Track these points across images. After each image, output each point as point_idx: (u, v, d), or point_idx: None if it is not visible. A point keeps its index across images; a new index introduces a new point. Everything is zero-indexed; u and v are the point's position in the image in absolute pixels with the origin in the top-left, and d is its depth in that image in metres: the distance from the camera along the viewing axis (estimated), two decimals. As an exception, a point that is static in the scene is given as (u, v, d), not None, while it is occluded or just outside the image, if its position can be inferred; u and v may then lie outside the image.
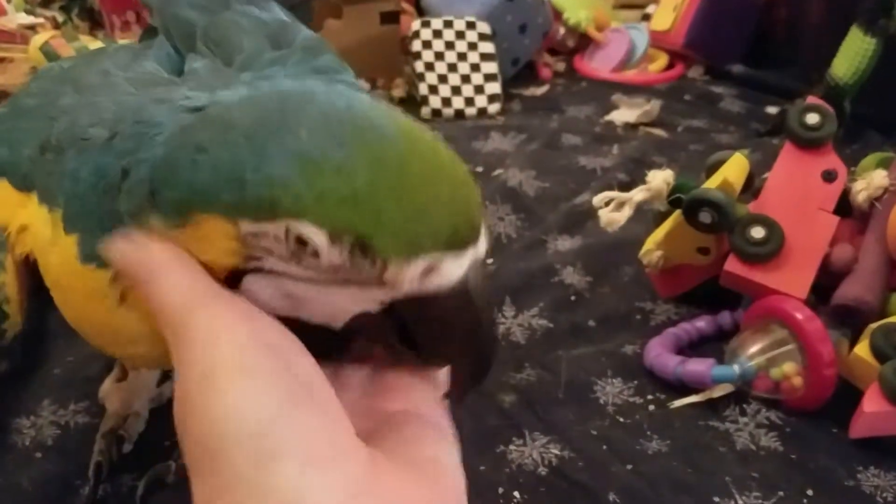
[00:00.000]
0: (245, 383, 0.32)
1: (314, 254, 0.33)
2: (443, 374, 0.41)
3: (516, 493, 0.63)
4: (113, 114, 0.43)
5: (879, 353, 0.67)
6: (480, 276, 0.35)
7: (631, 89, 1.51)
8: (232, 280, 0.36)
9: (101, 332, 0.46)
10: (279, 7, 0.61)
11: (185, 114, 0.38)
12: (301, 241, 0.33)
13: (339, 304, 0.36)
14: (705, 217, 0.75)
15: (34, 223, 0.45)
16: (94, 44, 1.31)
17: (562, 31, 1.69)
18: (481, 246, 0.35)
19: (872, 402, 0.66)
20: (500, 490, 0.63)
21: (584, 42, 1.72)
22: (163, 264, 0.36)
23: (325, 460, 0.32)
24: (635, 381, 0.76)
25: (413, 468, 0.35)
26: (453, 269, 0.34)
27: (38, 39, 1.30)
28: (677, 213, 0.79)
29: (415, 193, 0.33)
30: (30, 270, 0.47)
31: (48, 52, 1.29)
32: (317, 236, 0.33)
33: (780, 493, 0.63)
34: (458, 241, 0.34)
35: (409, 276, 0.33)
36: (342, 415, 0.34)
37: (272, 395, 0.32)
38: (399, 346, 0.38)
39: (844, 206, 0.78)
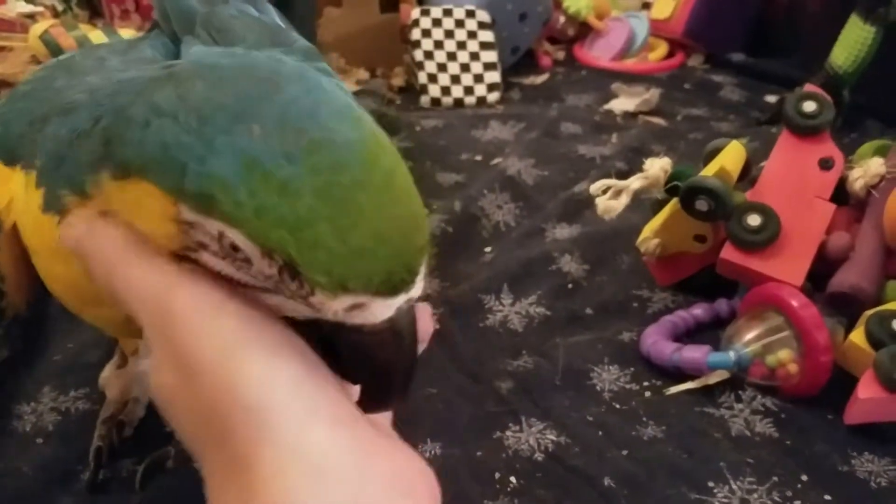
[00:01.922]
0: (266, 352, 0.33)
1: (247, 260, 0.33)
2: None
3: (513, 479, 0.64)
4: (100, 82, 0.43)
5: (874, 340, 0.68)
6: (409, 318, 0.35)
7: (631, 78, 1.51)
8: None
9: (67, 292, 0.46)
10: (276, 12, 0.62)
11: (160, 71, 0.36)
12: (234, 247, 0.32)
13: (269, 304, 0.35)
14: (702, 205, 0.75)
15: (17, 191, 0.45)
16: (94, 33, 1.31)
17: (562, 19, 1.69)
18: (416, 289, 0.34)
19: (867, 389, 0.66)
20: (497, 475, 0.64)
21: (584, 31, 1.72)
22: (125, 251, 0.36)
23: (347, 421, 0.33)
24: (632, 368, 0.76)
25: (403, 447, 0.36)
26: (381, 310, 0.33)
27: (37, 28, 1.30)
28: (674, 201, 0.79)
29: (356, 231, 0.31)
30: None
31: (48, 41, 1.29)
32: (249, 248, 0.32)
33: (775, 479, 0.63)
34: (391, 287, 0.32)
35: (335, 309, 0.33)
36: (341, 384, 0.35)
37: (291, 362, 0.33)
38: (320, 353, 0.37)
39: (841, 194, 0.78)
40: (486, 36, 1.48)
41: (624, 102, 1.39)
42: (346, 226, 0.31)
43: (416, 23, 1.48)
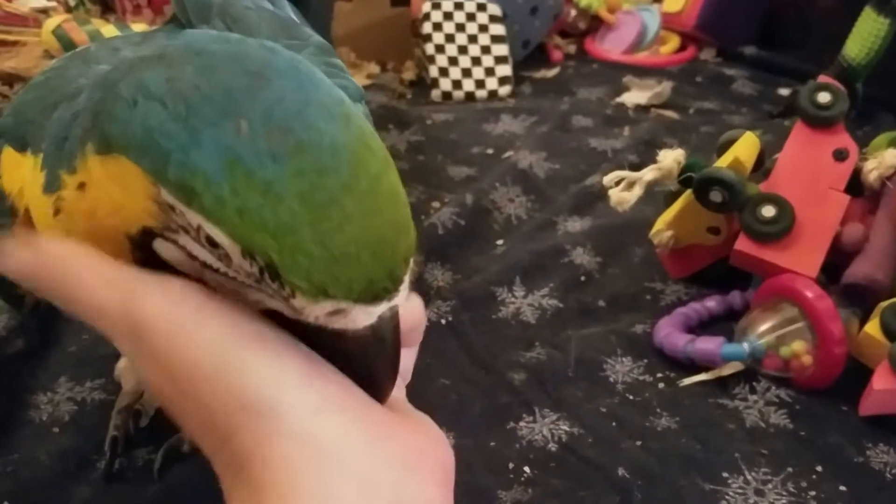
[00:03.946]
0: (267, 348, 0.33)
1: (226, 256, 0.32)
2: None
3: (526, 469, 0.64)
4: (108, 69, 0.43)
5: (889, 332, 0.67)
6: (393, 324, 0.34)
7: (642, 71, 1.50)
8: (144, 237, 0.35)
9: None
10: (291, 7, 0.62)
11: (152, 49, 0.35)
12: (212, 242, 0.32)
13: (249, 297, 0.35)
14: (716, 196, 0.75)
15: (26, 175, 0.45)
16: (106, 27, 1.31)
17: (573, 13, 1.69)
18: (399, 297, 0.33)
19: (882, 380, 0.66)
20: (511, 465, 0.64)
21: (595, 24, 1.71)
22: (74, 262, 0.34)
23: (355, 407, 0.33)
24: (645, 360, 0.76)
25: (416, 426, 0.36)
26: (363, 317, 0.32)
27: (50, 23, 1.31)
28: (688, 192, 0.79)
29: (338, 236, 0.30)
30: None
31: (60, 36, 1.29)
32: (229, 245, 0.31)
33: (789, 470, 0.63)
34: (373, 294, 0.32)
35: (316, 313, 0.32)
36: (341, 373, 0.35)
37: (294, 356, 0.33)
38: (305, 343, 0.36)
39: (856, 186, 0.77)
40: (498, 29, 1.48)
41: (636, 95, 1.39)
42: (329, 231, 0.30)
43: (426, 16, 1.47)
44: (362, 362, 0.34)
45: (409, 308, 0.37)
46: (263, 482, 0.31)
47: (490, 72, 1.46)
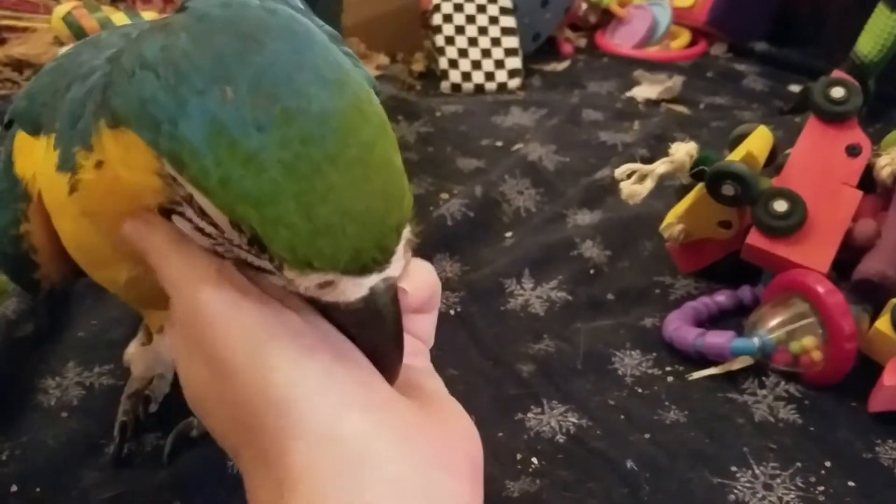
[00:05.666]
0: (292, 344, 0.33)
1: (216, 226, 0.32)
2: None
3: (534, 460, 0.64)
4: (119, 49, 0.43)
5: (900, 328, 0.67)
6: (388, 297, 0.33)
7: (653, 66, 1.50)
8: (163, 215, 0.35)
9: (77, 251, 0.46)
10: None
11: (159, 20, 0.35)
12: (202, 212, 0.32)
13: (257, 273, 0.35)
14: (728, 190, 0.75)
15: (39, 158, 0.45)
16: (116, 15, 1.31)
17: (584, 6, 1.68)
18: (392, 268, 0.32)
19: (892, 376, 0.66)
20: (519, 456, 0.64)
21: (606, 18, 1.71)
22: (168, 244, 0.36)
23: (380, 406, 0.33)
24: (654, 354, 0.76)
25: (444, 419, 0.36)
26: (353, 289, 0.32)
27: (60, 9, 1.31)
28: (699, 186, 0.78)
29: (321, 208, 0.30)
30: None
31: (70, 23, 1.29)
32: (217, 215, 0.31)
33: (798, 465, 0.63)
34: (360, 265, 0.31)
35: (305, 285, 0.32)
36: (373, 368, 0.35)
37: (318, 352, 0.33)
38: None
39: (868, 182, 0.77)
40: (508, 21, 1.47)
41: (646, 90, 1.39)
42: (312, 202, 0.30)
43: (437, 8, 1.47)
44: (360, 336, 0.34)
45: (420, 277, 0.37)
46: (288, 483, 0.31)
47: (500, 64, 1.45)
